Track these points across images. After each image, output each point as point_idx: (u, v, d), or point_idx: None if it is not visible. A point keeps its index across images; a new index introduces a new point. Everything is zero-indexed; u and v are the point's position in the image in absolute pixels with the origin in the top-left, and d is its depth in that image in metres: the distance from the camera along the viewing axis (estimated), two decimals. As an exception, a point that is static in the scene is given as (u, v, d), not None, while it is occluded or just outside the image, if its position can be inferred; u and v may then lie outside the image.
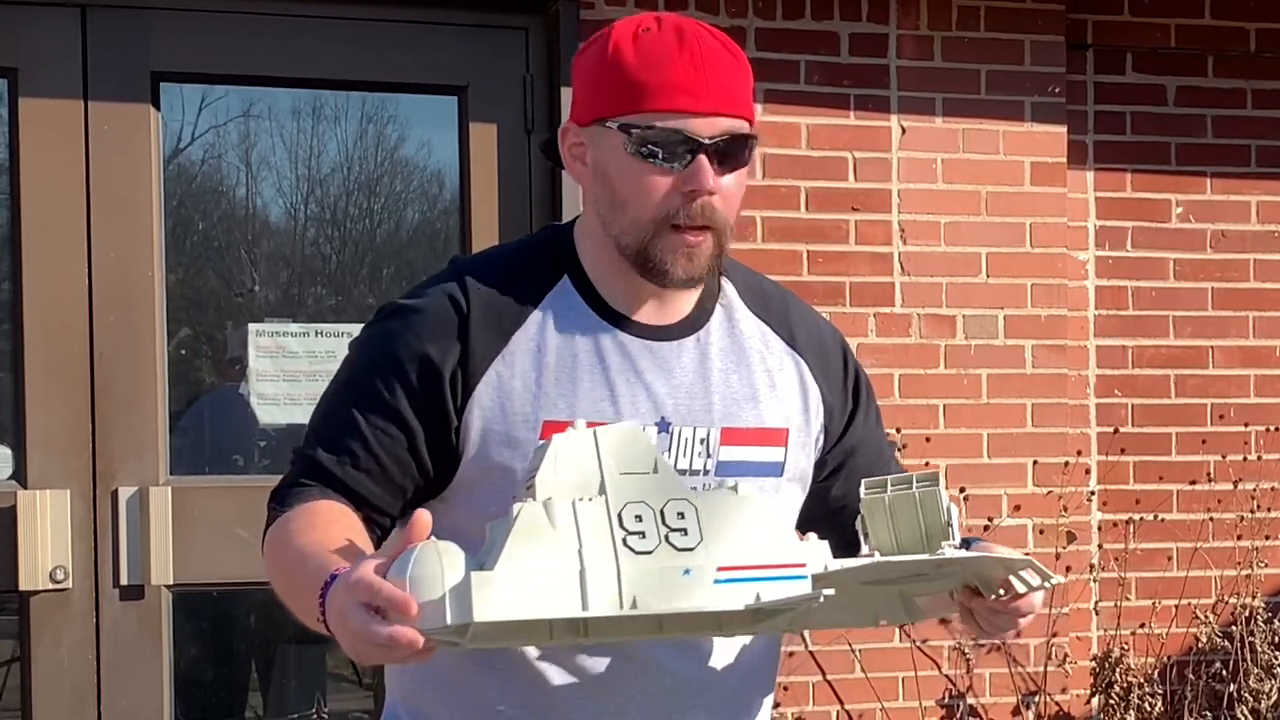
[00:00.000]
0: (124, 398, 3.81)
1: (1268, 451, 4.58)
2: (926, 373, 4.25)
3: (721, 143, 1.81)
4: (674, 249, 1.82)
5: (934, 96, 4.26)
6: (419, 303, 1.87)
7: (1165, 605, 4.47)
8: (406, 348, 1.84)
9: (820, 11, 4.19)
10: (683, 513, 1.53)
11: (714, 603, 1.53)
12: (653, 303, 1.90)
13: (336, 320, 4.32)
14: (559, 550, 1.48)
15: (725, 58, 1.84)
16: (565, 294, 1.89)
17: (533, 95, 4.04)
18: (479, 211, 4.04)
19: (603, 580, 1.48)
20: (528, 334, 1.86)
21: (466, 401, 1.83)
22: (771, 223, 4.14)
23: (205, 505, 3.86)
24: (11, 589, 3.74)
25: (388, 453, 1.83)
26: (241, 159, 4.39)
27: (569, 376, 1.85)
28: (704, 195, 1.80)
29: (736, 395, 1.92)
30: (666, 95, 1.80)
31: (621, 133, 1.82)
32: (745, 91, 1.85)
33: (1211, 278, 4.56)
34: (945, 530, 1.69)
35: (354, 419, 1.84)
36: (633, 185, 1.82)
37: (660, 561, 1.51)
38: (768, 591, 1.54)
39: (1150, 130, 4.52)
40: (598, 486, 1.53)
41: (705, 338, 1.93)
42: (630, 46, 1.83)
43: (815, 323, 2.04)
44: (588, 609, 1.48)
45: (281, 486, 1.86)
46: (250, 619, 4.61)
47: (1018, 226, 4.32)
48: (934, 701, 4.26)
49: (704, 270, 1.85)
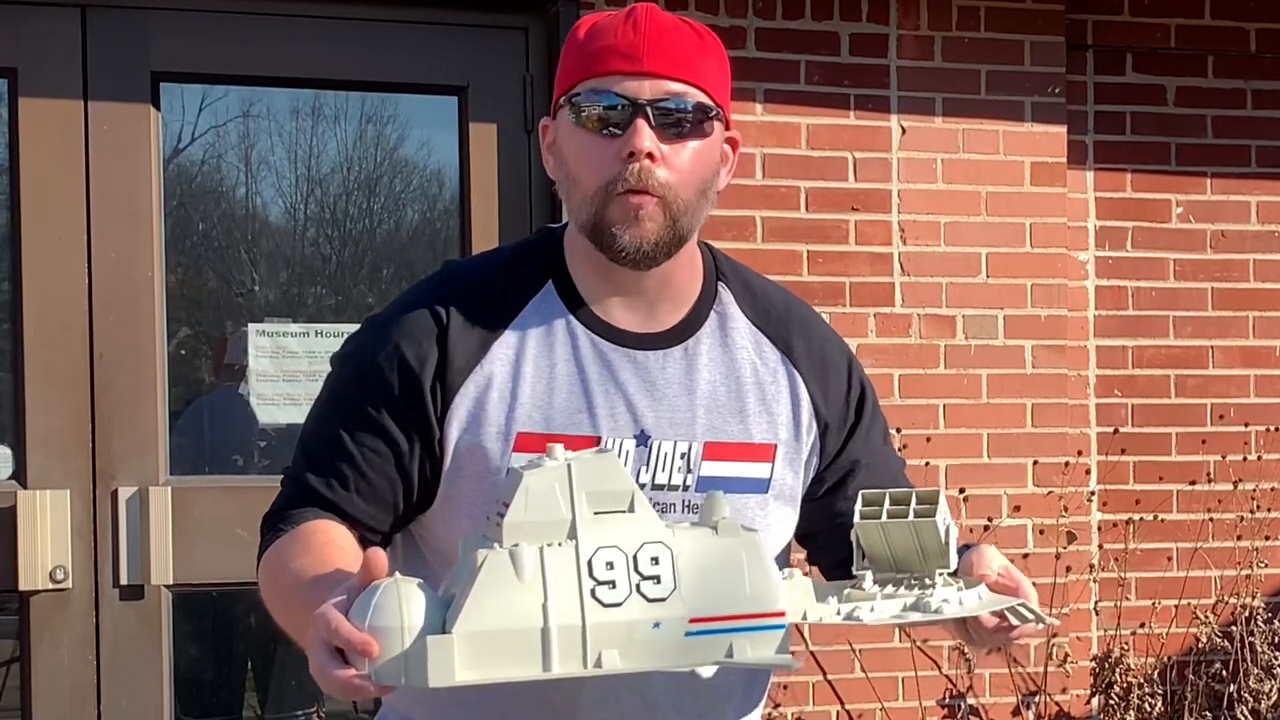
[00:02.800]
0: (124, 398, 3.81)
1: (1268, 452, 4.58)
2: (926, 373, 4.25)
3: (662, 106, 1.75)
4: (620, 216, 1.76)
5: (934, 97, 4.26)
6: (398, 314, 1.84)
7: (1165, 605, 4.47)
8: (388, 359, 1.81)
9: (820, 11, 4.19)
10: (657, 557, 1.47)
11: (683, 660, 1.47)
12: (641, 308, 1.85)
13: (336, 320, 4.32)
14: (523, 605, 1.43)
15: (681, 30, 1.80)
16: (548, 300, 1.85)
17: (533, 95, 4.04)
18: (479, 211, 4.04)
19: (567, 637, 1.43)
20: (507, 343, 1.82)
21: (446, 412, 1.80)
22: (771, 223, 4.14)
23: (205, 505, 3.86)
24: (11, 589, 3.74)
25: (376, 471, 1.81)
26: (241, 159, 4.39)
27: (545, 387, 1.81)
28: (640, 158, 1.74)
29: (722, 408, 1.86)
30: (602, 60, 1.77)
31: (567, 106, 1.80)
32: (702, 63, 1.80)
33: (1211, 278, 4.56)
34: (943, 551, 1.64)
35: (340, 439, 1.81)
36: (578, 156, 1.79)
37: (630, 614, 1.45)
38: (740, 645, 1.48)
39: (1150, 130, 4.52)
40: (568, 529, 1.46)
41: (694, 346, 1.87)
42: (586, 28, 1.82)
43: (819, 334, 1.97)
44: (549, 670, 1.43)
45: (273, 511, 1.84)
46: (250, 619, 4.61)
47: (1018, 227, 4.32)
48: (934, 701, 4.26)
49: (654, 238, 1.77)
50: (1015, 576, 1.71)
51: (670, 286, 1.86)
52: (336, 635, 1.43)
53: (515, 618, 1.43)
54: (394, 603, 1.42)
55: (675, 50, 1.78)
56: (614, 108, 1.76)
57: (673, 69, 1.77)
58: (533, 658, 1.43)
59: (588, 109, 1.77)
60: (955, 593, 1.62)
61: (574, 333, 1.84)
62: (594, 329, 1.84)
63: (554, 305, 1.85)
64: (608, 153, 1.76)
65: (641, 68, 1.76)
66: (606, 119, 1.76)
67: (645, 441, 1.82)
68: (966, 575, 1.69)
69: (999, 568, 1.71)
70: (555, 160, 1.85)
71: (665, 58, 1.77)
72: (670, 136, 1.77)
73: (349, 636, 1.42)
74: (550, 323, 1.84)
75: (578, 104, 1.78)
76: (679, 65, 1.78)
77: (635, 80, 1.76)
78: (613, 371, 1.83)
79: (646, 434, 1.83)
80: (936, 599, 1.59)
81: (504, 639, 1.42)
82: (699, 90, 1.79)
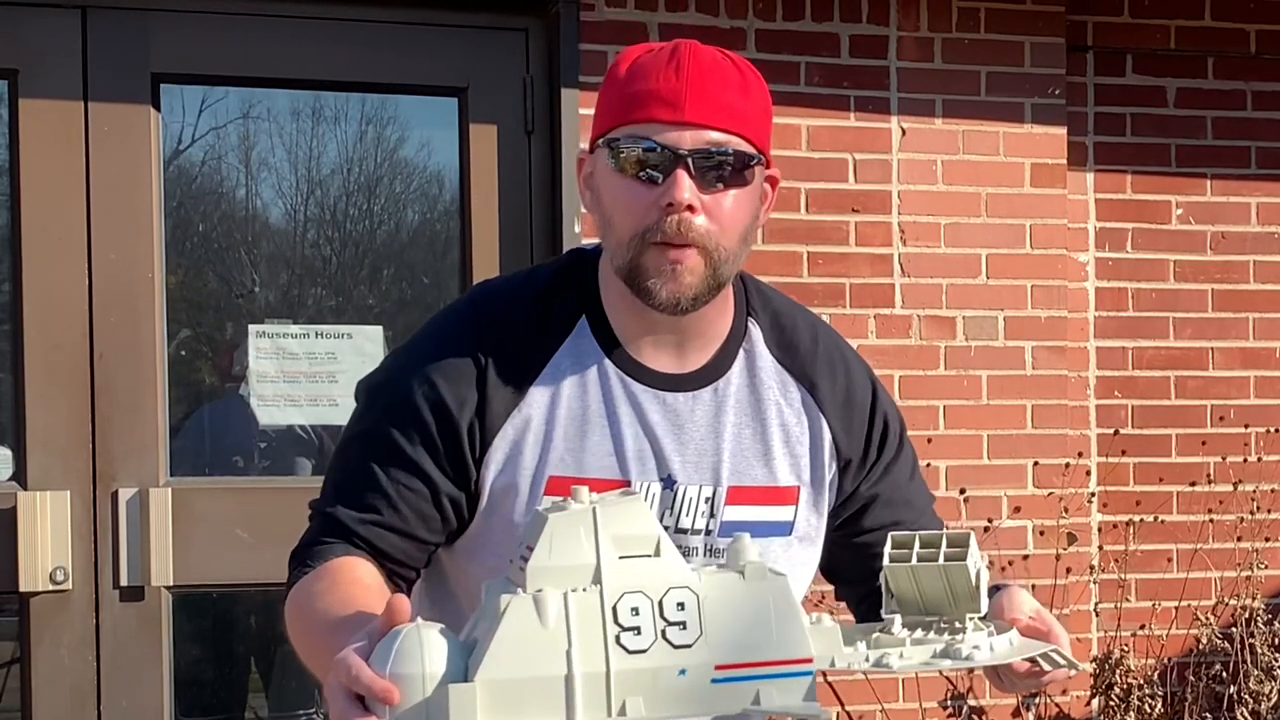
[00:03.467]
0: (124, 398, 3.81)
1: (1268, 453, 4.58)
2: (927, 374, 4.25)
3: (702, 156, 1.73)
4: (658, 267, 1.74)
5: (934, 98, 4.26)
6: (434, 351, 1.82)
7: (1165, 607, 4.47)
8: (425, 398, 1.79)
9: (820, 13, 4.19)
10: (683, 603, 1.45)
11: (708, 708, 1.45)
12: (671, 347, 1.84)
13: (337, 321, 4.31)
14: (547, 651, 1.41)
15: (724, 72, 1.77)
16: (582, 338, 1.83)
17: (533, 96, 4.04)
18: (479, 212, 4.04)
19: (591, 685, 1.41)
20: (543, 386, 1.81)
21: (484, 455, 1.79)
22: (772, 224, 4.13)
23: (205, 506, 3.85)
24: (12, 590, 3.74)
25: (410, 507, 1.79)
26: (241, 160, 4.39)
27: (578, 431, 1.81)
28: (679, 210, 1.72)
29: (747, 452, 1.86)
30: (643, 106, 1.74)
31: (607, 149, 1.77)
32: (745, 108, 1.78)
33: (1211, 279, 4.57)
34: (973, 595, 1.61)
35: (373, 473, 1.79)
36: (615, 201, 1.76)
37: (655, 661, 1.43)
38: (768, 693, 1.46)
39: (1150, 132, 4.52)
40: (593, 573, 1.44)
41: (724, 388, 1.86)
42: (627, 65, 1.78)
43: (844, 371, 1.95)
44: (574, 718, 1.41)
45: (302, 546, 1.82)
46: (250, 620, 4.61)
47: (1018, 228, 4.32)
48: (935, 703, 4.26)
49: (694, 293, 1.75)
50: (1047, 620, 1.70)
51: (702, 324, 1.85)
52: (357, 682, 1.41)
53: (539, 665, 1.41)
54: (415, 649, 1.41)
55: (719, 96, 1.75)
56: (654, 159, 1.73)
57: (714, 118, 1.74)
58: (556, 705, 1.41)
59: (627, 154, 1.74)
60: (986, 638, 1.60)
61: (605, 372, 1.83)
62: (626, 370, 1.83)
63: (588, 346, 1.84)
64: (646, 200, 1.74)
65: (683, 117, 1.73)
66: (647, 168, 1.73)
67: (671, 485, 1.83)
68: (997, 619, 1.67)
69: (1030, 611, 1.70)
70: (592, 197, 1.83)
71: (708, 106, 1.74)
72: (710, 186, 1.74)
73: (369, 683, 1.40)
74: (584, 363, 1.83)
75: (617, 149, 1.75)
76: (721, 114, 1.75)
77: (676, 130, 1.73)
78: (642, 414, 1.83)
79: (673, 478, 1.83)
80: (967, 645, 1.58)
81: (527, 687, 1.41)
82: (741, 139, 1.77)
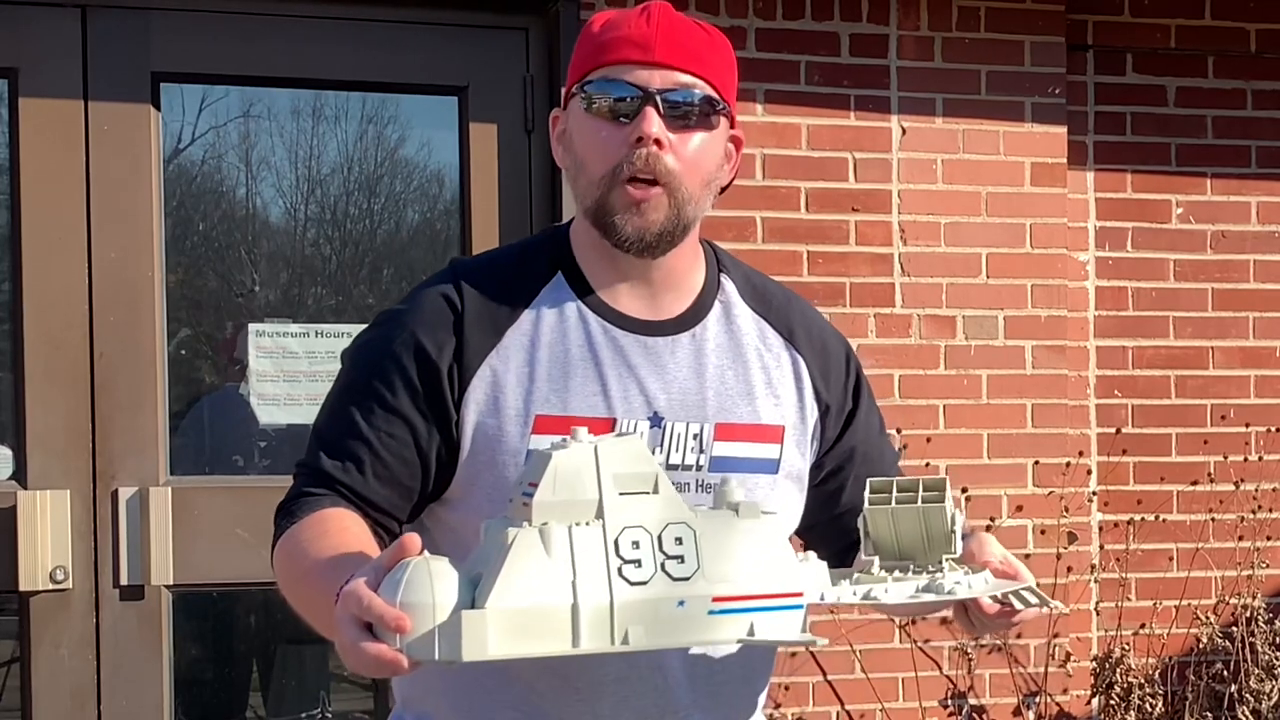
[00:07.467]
0: (124, 398, 3.81)
1: (1268, 452, 4.58)
2: (926, 373, 4.25)
3: (672, 95, 1.80)
4: (624, 205, 1.80)
5: (934, 97, 4.26)
6: (413, 303, 1.88)
7: (1166, 606, 4.47)
8: (404, 345, 1.83)
9: (820, 12, 4.19)
10: (680, 538, 1.51)
11: (706, 636, 1.52)
12: (646, 296, 1.90)
13: (337, 320, 4.31)
14: (553, 582, 1.46)
15: (692, 28, 1.86)
16: (558, 289, 1.89)
17: (533, 95, 4.04)
18: (479, 212, 4.04)
19: (595, 615, 1.46)
20: (521, 330, 1.85)
21: (462, 396, 1.83)
22: (771, 223, 4.14)
23: (205, 505, 3.85)
24: (11, 589, 3.74)
25: (393, 454, 1.82)
26: (241, 159, 4.39)
27: (561, 371, 1.84)
28: (648, 143, 1.78)
29: (731, 391, 1.91)
30: (615, 49, 1.82)
31: (579, 94, 1.85)
32: (712, 59, 1.85)
33: (1212, 278, 4.56)
34: (948, 538, 1.68)
35: (356, 422, 1.83)
36: (587, 142, 1.83)
37: (655, 592, 1.49)
38: (761, 624, 1.53)
39: (1150, 131, 4.52)
40: (595, 509, 1.49)
41: (701, 333, 1.92)
42: (600, 22, 1.88)
43: (818, 324, 2.02)
44: (578, 646, 1.46)
45: (287, 499, 1.84)
46: (250, 619, 4.61)
47: (1018, 227, 4.32)
48: (935, 702, 4.26)
49: (658, 229, 1.82)
50: (1014, 565, 1.78)
51: (675, 276, 1.91)
52: (369, 611, 1.44)
53: (545, 595, 1.45)
54: (425, 579, 1.44)
55: (686, 43, 1.84)
56: (624, 97, 1.81)
57: (683, 61, 1.82)
58: (562, 633, 1.46)
59: (599, 97, 1.82)
60: (964, 576, 1.67)
61: (585, 318, 1.88)
62: (604, 315, 1.88)
63: (565, 293, 1.89)
64: (616, 138, 1.80)
65: (653, 57, 1.81)
66: (617, 107, 1.81)
67: (659, 423, 1.86)
68: (968, 562, 1.75)
69: (1000, 555, 1.78)
70: (564, 148, 1.90)
71: (676, 49, 1.82)
72: (678, 126, 1.81)
73: (381, 612, 1.43)
74: (562, 309, 1.88)
75: (589, 92, 1.83)
76: (689, 58, 1.83)
77: (646, 70, 1.81)
78: (625, 356, 1.87)
79: (660, 416, 1.86)
80: (948, 582, 1.65)
81: (535, 615, 1.45)
82: (707, 84, 1.84)
